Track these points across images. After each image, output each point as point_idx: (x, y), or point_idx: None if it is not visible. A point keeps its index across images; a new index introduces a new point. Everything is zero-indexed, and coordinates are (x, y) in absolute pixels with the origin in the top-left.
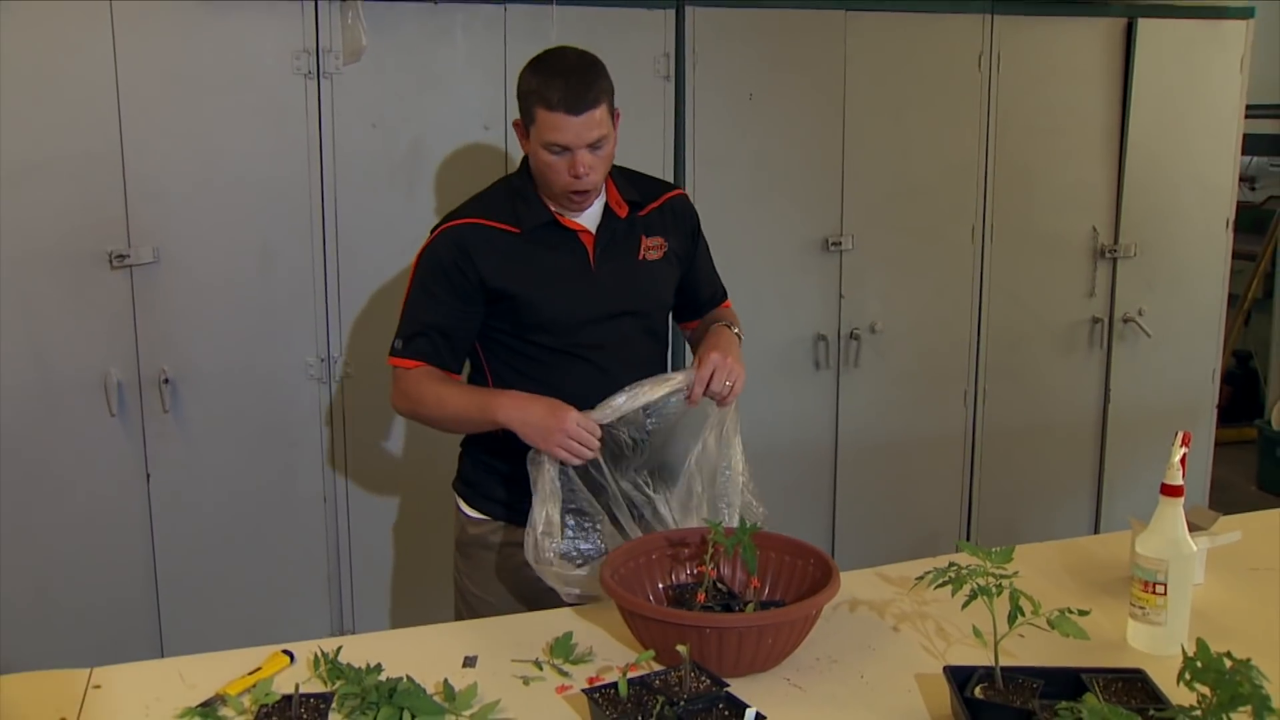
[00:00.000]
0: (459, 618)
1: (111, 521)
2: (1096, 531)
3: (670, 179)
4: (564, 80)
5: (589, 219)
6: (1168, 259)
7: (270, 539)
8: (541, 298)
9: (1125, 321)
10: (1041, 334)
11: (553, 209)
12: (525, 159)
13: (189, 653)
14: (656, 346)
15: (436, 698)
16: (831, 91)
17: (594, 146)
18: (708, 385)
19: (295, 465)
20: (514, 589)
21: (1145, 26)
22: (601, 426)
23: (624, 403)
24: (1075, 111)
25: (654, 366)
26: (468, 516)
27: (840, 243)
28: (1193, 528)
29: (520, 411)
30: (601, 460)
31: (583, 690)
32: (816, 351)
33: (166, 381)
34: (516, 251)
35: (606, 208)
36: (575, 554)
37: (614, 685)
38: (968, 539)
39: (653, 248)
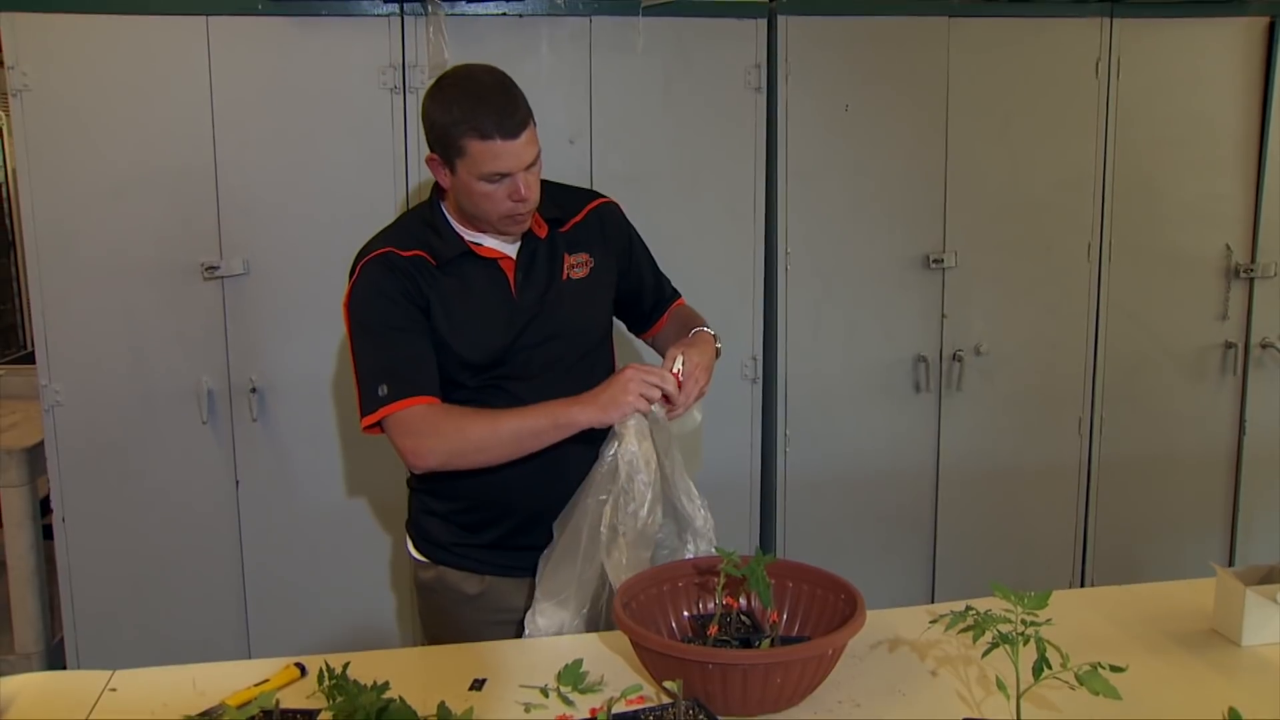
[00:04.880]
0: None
1: (203, 526)
2: None
3: (762, 194)
4: (491, 105)
5: (507, 244)
6: None
7: (354, 548)
8: (458, 340)
9: (1264, 347)
10: (1166, 359)
11: (467, 240)
12: (435, 189)
13: (276, 655)
14: (598, 370)
15: None
16: (933, 102)
17: (530, 165)
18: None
19: (379, 476)
20: (456, 633)
21: None
22: None
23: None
24: (1207, 119)
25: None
26: (415, 559)
27: (942, 260)
28: None
29: (594, 399)
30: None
31: None
32: (916, 373)
33: (254, 390)
34: (435, 287)
35: (527, 229)
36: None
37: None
38: (1082, 576)
39: (576, 265)
